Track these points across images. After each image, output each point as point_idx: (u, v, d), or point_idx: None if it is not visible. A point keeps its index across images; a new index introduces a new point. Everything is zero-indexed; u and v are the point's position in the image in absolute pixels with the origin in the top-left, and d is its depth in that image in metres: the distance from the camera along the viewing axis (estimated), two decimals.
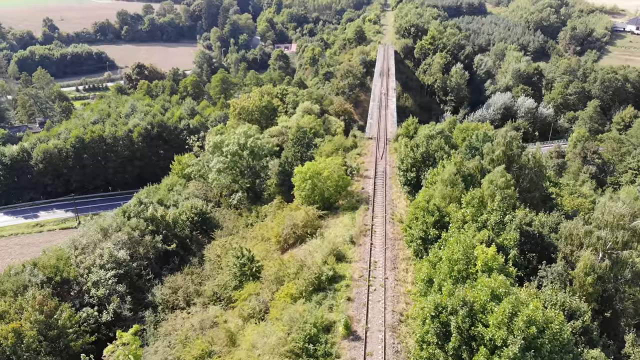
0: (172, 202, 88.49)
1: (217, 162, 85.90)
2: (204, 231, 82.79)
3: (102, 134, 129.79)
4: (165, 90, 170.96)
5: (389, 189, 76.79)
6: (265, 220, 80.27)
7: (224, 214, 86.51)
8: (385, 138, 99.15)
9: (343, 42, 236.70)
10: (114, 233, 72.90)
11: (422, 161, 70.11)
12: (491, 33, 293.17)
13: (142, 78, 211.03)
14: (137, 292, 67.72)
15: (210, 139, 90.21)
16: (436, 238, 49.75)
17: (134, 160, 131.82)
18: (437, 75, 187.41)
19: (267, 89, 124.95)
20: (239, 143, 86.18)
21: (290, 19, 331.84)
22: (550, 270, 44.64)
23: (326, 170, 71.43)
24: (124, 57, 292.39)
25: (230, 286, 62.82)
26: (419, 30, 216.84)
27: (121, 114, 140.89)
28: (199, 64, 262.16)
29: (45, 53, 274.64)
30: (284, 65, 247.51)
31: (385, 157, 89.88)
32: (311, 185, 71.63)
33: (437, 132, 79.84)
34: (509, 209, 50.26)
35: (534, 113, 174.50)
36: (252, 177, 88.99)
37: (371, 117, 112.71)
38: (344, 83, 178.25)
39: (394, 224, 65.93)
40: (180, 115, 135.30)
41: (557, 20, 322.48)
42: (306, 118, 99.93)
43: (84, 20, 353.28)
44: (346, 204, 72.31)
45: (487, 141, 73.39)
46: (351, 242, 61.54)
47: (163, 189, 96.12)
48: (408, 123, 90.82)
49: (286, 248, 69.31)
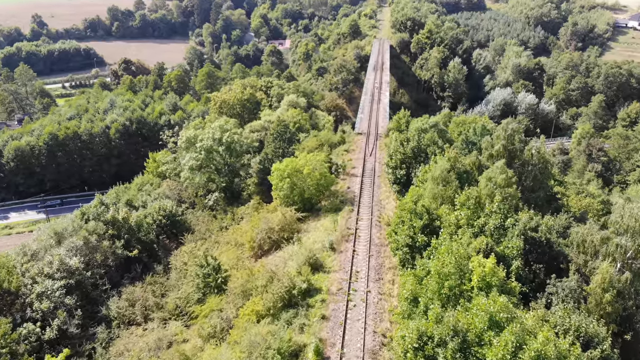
0: (141, 203, 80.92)
1: (190, 159, 78.34)
2: (173, 235, 75.26)
3: (77, 130, 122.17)
4: (148, 85, 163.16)
5: (377, 187, 69.22)
6: (241, 223, 72.74)
7: (198, 216, 78.96)
8: (375, 133, 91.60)
9: (337, 37, 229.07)
10: (69, 238, 65.41)
11: (412, 157, 62.57)
12: (490, 29, 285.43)
13: (129, 74, 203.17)
14: (91, 305, 60.20)
15: (184, 134, 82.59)
16: (425, 245, 42.21)
17: (111, 158, 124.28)
18: (434, 71, 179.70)
19: (251, 81, 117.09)
20: (213, 138, 78.62)
21: (284, 14, 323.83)
22: (561, 286, 37.10)
23: (307, 167, 63.89)
24: (114, 53, 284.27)
25: (192, 299, 55.32)
26: (415, 24, 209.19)
27: (99, 110, 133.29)
28: (190, 60, 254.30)
29: (32, 49, 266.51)
30: (277, 61, 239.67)
31: (375, 153, 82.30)
32: (290, 185, 64.11)
33: (430, 125, 72.30)
34: (510, 211, 42.76)
35: (535, 109, 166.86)
36: (230, 176, 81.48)
37: (362, 112, 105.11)
38: (338, 78, 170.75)
39: (380, 227, 58.36)
40: (161, 111, 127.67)
41: (557, 16, 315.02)
42: (291, 112, 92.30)
43: (74, 16, 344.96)
44: (329, 204, 64.76)
45: (486, 135, 65.87)
46: (331, 249, 53.97)
47: (133, 189, 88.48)
48: (399, 116, 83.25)
49: (260, 255, 61.78)
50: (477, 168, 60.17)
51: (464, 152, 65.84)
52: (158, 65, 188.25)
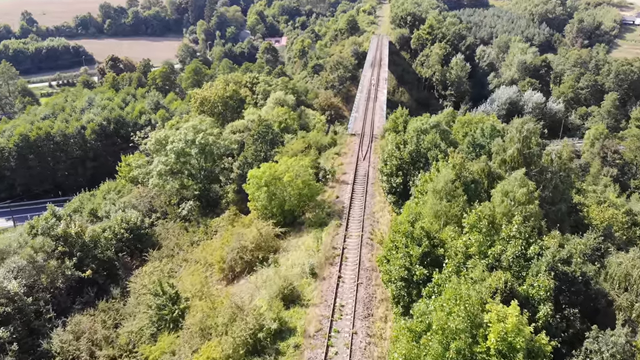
0: (104, 213, 71.78)
1: (158, 164, 69.15)
2: (138, 251, 66.05)
3: (50, 131, 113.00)
4: (132, 82, 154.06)
5: (370, 197, 59.95)
6: (214, 237, 63.53)
7: (168, 228, 69.67)
8: (371, 134, 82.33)
9: (334, 33, 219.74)
10: (13, 256, 56.36)
11: (411, 162, 53.30)
12: (494, 26, 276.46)
13: (116, 72, 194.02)
14: (32, 337, 51.09)
15: (153, 135, 73.46)
16: (425, 280, 32.97)
17: (86, 160, 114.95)
18: (435, 68, 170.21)
19: (234, 77, 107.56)
20: (185, 140, 69.43)
21: (281, 11, 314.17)
22: (604, 341, 27.83)
23: (288, 174, 54.68)
24: (105, 51, 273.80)
25: (146, 334, 46.15)
26: (416, 20, 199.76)
27: (76, 109, 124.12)
28: (182, 57, 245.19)
29: (20, 47, 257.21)
30: (272, 58, 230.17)
31: (369, 157, 73.02)
32: (268, 194, 54.93)
33: (431, 125, 63.10)
34: (533, 236, 33.51)
35: (542, 108, 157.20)
36: (205, 182, 72.28)
37: (356, 110, 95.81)
38: (334, 76, 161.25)
39: (372, 246, 49.12)
40: (142, 110, 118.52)
41: (563, 12, 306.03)
42: (277, 110, 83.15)
43: (65, 14, 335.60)
44: (313, 217, 55.48)
45: (496, 136, 56.66)
46: (312, 275, 44.72)
47: (99, 197, 79.26)
48: (396, 115, 73.94)
49: (232, 278, 52.57)
50: (487, 176, 50.95)
51: (470, 156, 56.64)
52: (144, 62, 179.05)
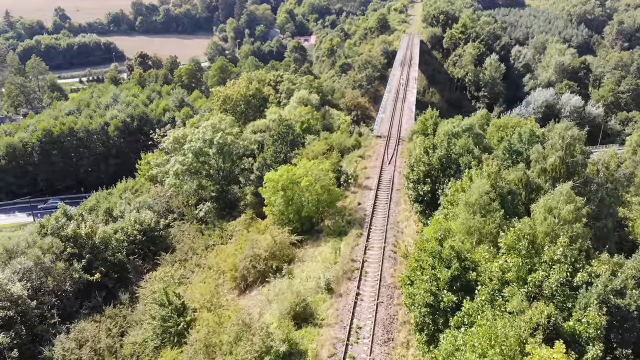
0: (119, 213, 69.48)
1: (175, 163, 66.42)
2: (151, 254, 63.44)
3: (73, 126, 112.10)
4: (158, 79, 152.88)
5: (394, 205, 55.86)
6: (229, 242, 60.40)
7: (184, 230, 66.97)
8: (397, 137, 78.11)
9: (364, 32, 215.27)
10: (20, 256, 54.28)
11: (440, 169, 49.05)
12: (530, 26, 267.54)
13: (144, 69, 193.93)
14: (35, 343, 48.81)
15: (172, 133, 70.83)
16: (454, 307, 28.88)
17: (109, 157, 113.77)
18: (468, 68, 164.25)
19: (258, 75, 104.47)
20: (203, 139, 66.54)
21: (311, 10, 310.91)
22: None
23: (306, 178, 51.10)
24: (136, 48, 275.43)
25: (149, 347, 43.21)
26: (449, 18, 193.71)
27: (101, 105, 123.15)
28: (211, 55, 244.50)
29: (52, 43, 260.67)
30: (300, 57, 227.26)
31: (395, 161, 68.87)
32: (285, 199, 51.45)
33: (463, 128, 58.70)
34: (580, 259, 29.08)
35: (580, 112, 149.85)
36: (223, 183, 69.26)
37: (383, 111, 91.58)
38: (362, 75, 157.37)
39: (395, 260, 45.14)
40: (166, 107, 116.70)
41: (602, 13, 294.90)
42: (299, 110, 79.67)
43: (98, 10, 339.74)
44: (332, 225, 51.70)
45: (535, 142, 51.92)
46: (328, 290, 41.03)
47: (116, 195, 77.12)
48: (425, 117, 69.55)
49: (244, 287, 49.26)
50: (525, 186, 46.43)
51: (506, 163, 52.07)
52: (171, 59, 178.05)
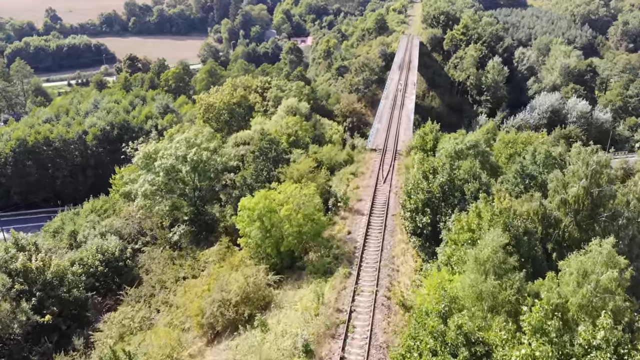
0: (83, 238, 62.27)
1: (144, 183, 59.20)
2: (117, 286, 56.29)
3: (49, 135, 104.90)
4: (144, 83, 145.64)
5: (389, 234, 48.63)
6: (202, 273, 53.19)
7: (154, 257, 59.80)
8: (394, 150, 70.87)
9: (362, 33, 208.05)
10: None
11: (442, 198, 41.82)
12: (532, 27, 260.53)
13: (134, 71, 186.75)
14: None
15: (142, 148, 63.62)
16: None
17: (87, 168, 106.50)
18: (470, 71, 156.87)
19: (244, 81, 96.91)
20: (176, 155, 59.34)
21: (308, 10, 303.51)
22: None
23: (286, 206, 43.87)
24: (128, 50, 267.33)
25: None
26: (449, 19, 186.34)
27: (80, 112, 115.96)
28: (204, 57, 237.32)
29: (41, 44, 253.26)
30: (296, 59, 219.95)
31: (390, 179, 61.65)
32: (261, 231, 44.22)
33: (467, 145, 51.49)
34: (624, 343, 21.79)
35: (588, 118, 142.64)
36: (199, 204, 62.09)
37: (379, 120, 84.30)
38: (359, 79, 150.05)
39: (389, 310, 37.90)
40: (149, 114, 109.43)
41: (606, 13, 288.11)
42: (287, 120, 72.49)
43: (91, 11, 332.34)
44: (317, 261, 44.36)
45: (552, 164, 44.71)
46: (306, 353, 33.75)
47: (83, 216, 69.83)
48: (425, 130, 62.20)
49: (212, 337, 41.97)
50: (541, 220, 39.27)
51: (518, 188, 44.89)
52: (158, 62, 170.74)
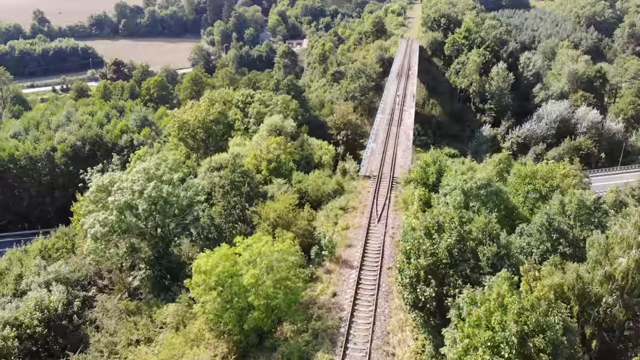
0: (26, 286, 53.04)
1: (95, 223, 49.99)
2: (60, 349, 47.20)
3: (13, 152, 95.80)
4: (123, 93, 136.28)
5: (383, 299, 39.46)
6: (158, 338, 44.08)
7: (109, 310, 50.71)
8: (390, 177, 61.69)
9: (359, 36, 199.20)
10: None
11: (450, 264, 32.68)
12: (536, 29, 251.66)
13: (119, 77, 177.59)
14: None
15: (96, 180, 54.42)
16: None
17: (55, 188, 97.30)
18: (473, 77, 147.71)
19: (223, 95, 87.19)
20: (132, 190, 50.22)
21: (305, 12, 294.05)
22: None
23: (251, 272, 34.67)
24: (117, 53, 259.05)
25: None
26: (450, 22, 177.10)
27: (51, 125, 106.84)
28: (195, 61, 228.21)
29: (27, 48, 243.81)
30: (291, 63, 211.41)
31: (386, 216, 52.44)
32: (222, 301, 35.10)
33: (478, 184, 42.44)
34: None
35: (599, 128, 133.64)
36: (161, 246, 53.01)
37: (374, 139, 75.02)
38: (355, 85, 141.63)
39: None
40: (124, 128, 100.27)
41: (612, 15, 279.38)
42: (269, 142, 63.25)
43: (81, 12, 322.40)
44: (293, 337, 35.29)
45: (587, 215, 35.66)
46: None
47: (31, 257, 60.45)
48: (426, 161, 52.84)
49: None
50: (578, 297, 30.29)
51: (543, 245, 35.83)
52: (141, 68, 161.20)
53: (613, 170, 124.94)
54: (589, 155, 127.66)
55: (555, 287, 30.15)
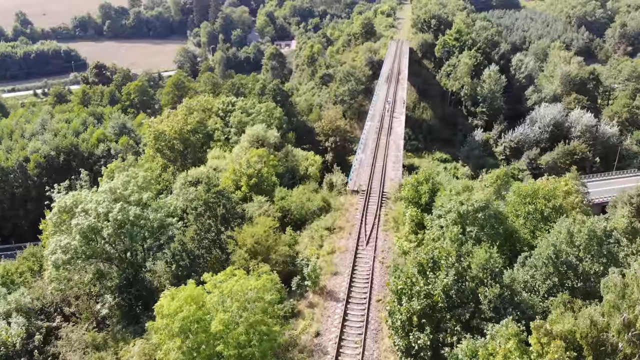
0: None
1: (56, 248, 45.54)
2: None
3: None
4: (103, 98, 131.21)
5: (371, 339, 35.28)
6: None
7: (73, 343, 46.24)
8: (380, 192, 57.65)
9: (348, 37, 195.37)
10: None
11: (446, 307, 28.65)
12: (527, 29, 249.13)
13: (101, 81, 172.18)
14: None
15: (58, 201, 49.90)
16: None
17: (28, 201, 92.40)
18: (464, 80, 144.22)
19: (203, 103, 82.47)
20: (97, 213, 45.82)
21: (293, 12, 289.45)
22: None
23: (220, 316, 30.43)
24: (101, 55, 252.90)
25: None
26: (441, 23, 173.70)
27: (25, 134, 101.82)
28: (180, 63, 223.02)
29: (8, 51, 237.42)
30: (279, 65, 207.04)
31: (375, 238, 48.32)
32: (186, 351, 30.78)
33: (475, 207, 38.54)
34: None
35: (593, 132, 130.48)
36: (130, 272, 48.62)
37: (362, 150, 70.93)
38: (344, 89, 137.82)
39: None
40: (101, 136, 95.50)
41: (603, 15, 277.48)
42: (250, 155, 59.02)
43: (65, 14, 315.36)
44: None
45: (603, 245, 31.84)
46: None
47: None
48: (418, 179, 48.73)
49: None
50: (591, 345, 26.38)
51: (550, 280, 31.92)
52: (122, 72, 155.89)
53: (608, 175, 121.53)
54: (584, 160, 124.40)
55: (566, 334, 26.34)
